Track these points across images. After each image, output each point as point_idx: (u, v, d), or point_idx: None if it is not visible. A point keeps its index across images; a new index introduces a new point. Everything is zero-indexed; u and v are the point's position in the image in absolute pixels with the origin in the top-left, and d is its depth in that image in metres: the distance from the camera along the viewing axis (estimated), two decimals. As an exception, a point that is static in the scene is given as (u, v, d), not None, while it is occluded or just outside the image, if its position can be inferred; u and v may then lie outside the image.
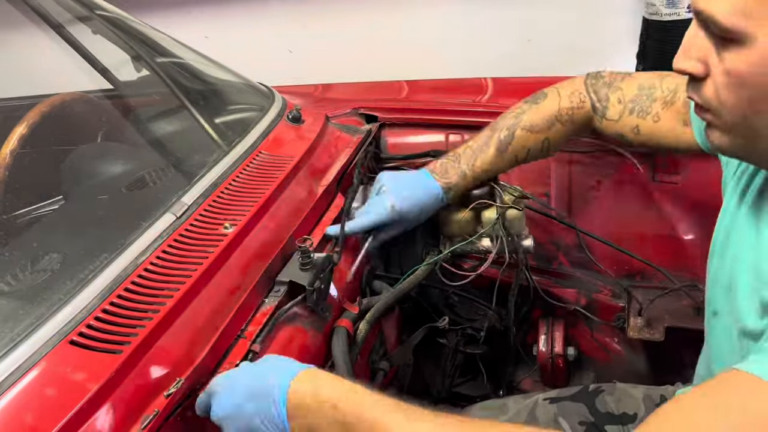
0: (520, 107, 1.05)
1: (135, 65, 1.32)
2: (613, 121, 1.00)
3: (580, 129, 1.04)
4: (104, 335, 0.71)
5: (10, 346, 0.67)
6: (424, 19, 2.55)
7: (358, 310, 0.97)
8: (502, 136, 1.03)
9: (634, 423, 0.99)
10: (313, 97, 1.58)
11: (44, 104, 1.16)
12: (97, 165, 1.19)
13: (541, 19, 2.42)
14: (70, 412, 0.62)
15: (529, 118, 1.03)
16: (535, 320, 1.34)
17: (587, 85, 1.02)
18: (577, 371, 1.37)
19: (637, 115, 0.97)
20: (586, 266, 1.31)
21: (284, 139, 1.16)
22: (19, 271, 0.89)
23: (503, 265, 1.12)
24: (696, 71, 0.59)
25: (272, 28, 2.72)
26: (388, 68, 2.07)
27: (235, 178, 1.01)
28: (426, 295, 1.22)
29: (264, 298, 0.89)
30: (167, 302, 0.76)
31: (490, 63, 2.43)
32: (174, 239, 0.86)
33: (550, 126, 1.01)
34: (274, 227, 0.96)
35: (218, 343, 0.78)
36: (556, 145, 1.05)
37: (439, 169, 1.05)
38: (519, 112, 1.04)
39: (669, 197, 1.22)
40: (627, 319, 1.20)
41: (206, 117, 1.22)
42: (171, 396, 0.69)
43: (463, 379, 1.41)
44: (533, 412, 1.03)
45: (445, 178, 1.04)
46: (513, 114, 1.04)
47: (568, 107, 1.01)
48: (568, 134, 1.04)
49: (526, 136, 1.02)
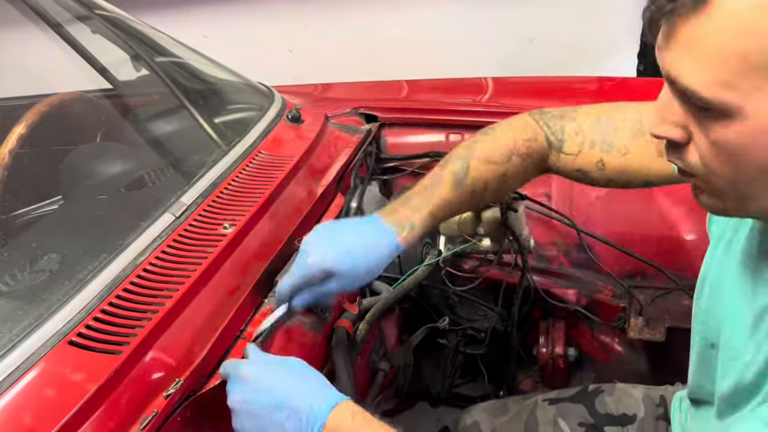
0: (469, 139, 0.91)
1: (134, 65, 1.32)
2: (572, 155, 0.87)
3: (537, 165, 0.90)
4: (103, 336, 0.70)
5: (9, 347, 0.67)
6: (424, 19, 2.55)
7: (358, 310, 0.97)
8: (456, 168, 0.87)
9: (633, 424, 0.99)
10: (313, 96, 1.58)
11: (43, 104, 1.15)
12: (96, 165, 1.18)
13: (542, 19, 2.42)
14: (68, 413, 0.62)
15: (484, 147, 0.88)
16: (535, 320, 1.34)
17: (535, 120, 0.90)
18: (577, 371, 1.37)
19: (599, 149, 0.85)
20: (587, 266, 1.31)
21: (284, 139, 1.16)
22: (18, 271, 0.88)
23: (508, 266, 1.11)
24: (677, 137, 0.53)
25: (272, 28, 2.72)
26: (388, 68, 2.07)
27: (234, 178, 1.01)
28: (426, 296, 1.22)
29: (263, 298, 0.88)
30: (166, 302, 0.76)
31: (491, 63, 2.44)
32: (173, 239, 0.85)
33: (508, 159, 0.87)
34: (273, 227, 0.96)
35: (218, 344, 0.78)
36: (515, 182, 0.91)
37: (386, 212, 0.86)
38: (470, 143, 0.90)
39: (669, 197, 1.22)
40: (627, 319, 1.20)
41: (205, 117, 1.22)
42: (170, 396, 0.69)
43: (464, 379, 1.41)
44: (533, 413, 1.03)
45: (393, 219, 0.84)
46: (463, 146, 0.90)
47: (524, 139, 0.88)
48: (526, 171, 0.90)
49: (483, 167, 0.87)
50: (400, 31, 2.58)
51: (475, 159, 0.87)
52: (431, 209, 0.85)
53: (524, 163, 0.88)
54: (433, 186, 0.86)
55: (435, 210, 0.85)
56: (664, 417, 0.99)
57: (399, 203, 0.86)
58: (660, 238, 1.23)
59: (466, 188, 0.87)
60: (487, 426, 1.04)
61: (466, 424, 1.05)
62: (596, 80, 1.68)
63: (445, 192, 0.86)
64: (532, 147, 0.88)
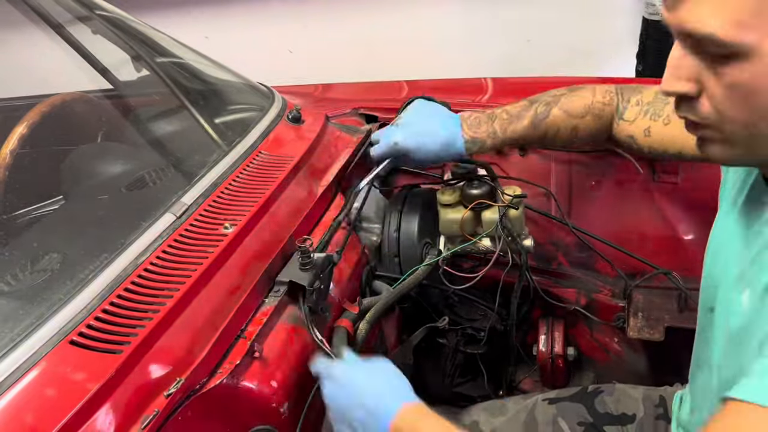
0: (558, 91, 1.06)
1: (135, 65, 1.32)
2: (628, 122, 1.00)
3: (605, 128, 1.04)
4: (104, 335, 0.71)
5: (10, 346, 0.67)
6: (424, 19, 2.55)
7: (358, 310, 0.97)
8: (539, 110, 1.04)
9: (633, 423, 1.00)
10: (313, 97, 1.58)
11: (44, 104, 1.16)
12: (97, 165, 1.19)
13: (541, 19, 2.42)
14: (70, 413, 0.62)
15: (566, 101, 1.04)
16: (535, 320, 1.34)
17: (616, 89, 1.04)
18: (576, 371, 1.38)
19: (650, 117, 0.97)
20: (586, 266, 1.31)
21: (284, 139, 1.16)
22: (19, 271, 0.89)
23: (506, 265, 1.12)
24: (690, 91, 0.58)
25: (272, 28, 2.72)
26: (388, 68, 2.07)
27: (235, 178, 1.01)
28: (426, 295, 1.22)
29: (264, 298, 0.89)
30: (167, 302, 0.76)
31: (490, 63, 2.44)
32: (174, 239, 0.86)
33: (583, 114, 1.03)
34: (274, 227, 0.96)
35: (218, 343, 0.78)
36: (581, 138, 1.06)
37: (471, 122, 1.06)
38: (558, 94, 1.05)
39: (669, 197, 1.22)
40: (627, 319, 1.20)
41: (206, 117, 1.22)
42: (171, 396, 0.69)
43: (463, 379, 1.41)
44: (532, 413, 1.03)
45: (473, 131, 1.05)
46: (551, 94, 1.06)
47: (600, 101, 1.02)
48: (593, 130, 1.04)
49: (561, 116, 1.03)
50: (400, 31, 2.58)
51: (557, 108, 1.03)
52: (504, 138, 1.05)
53: (595, 123, 1.03)
54: (516, 118, 1.05)
55: (507, 140, 1.05)
56: (664, 417, 0.99)
57: (484, 119, 1.05)
58: (659, 238, 1.24)
59: (541, 130, 1.04)
60: (487, 426, 1.04)
61: (466, 423, 1.05)
62: (596, 81, 1.68)
63: (521, 128, 1.04)
64: (605, 110, 1.02)
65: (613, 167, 1.25)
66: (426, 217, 1.17)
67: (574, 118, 1.03)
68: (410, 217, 1.14)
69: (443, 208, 1.11)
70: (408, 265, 1.12)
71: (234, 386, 0.77)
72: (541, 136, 1.05)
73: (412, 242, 1.13)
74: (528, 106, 1.05)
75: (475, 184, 1.08)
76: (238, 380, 0.77)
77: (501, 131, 1.05)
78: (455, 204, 1.10)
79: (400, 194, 1.20)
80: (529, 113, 1.05)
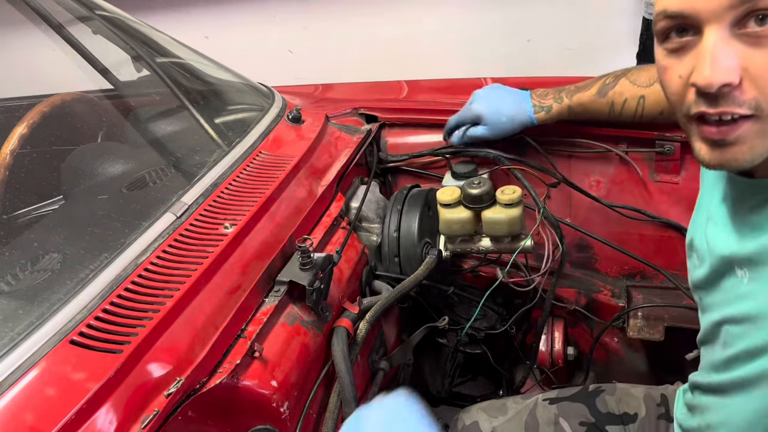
0: (625, 67, 1.12)
1: (135, 65, 1.32)
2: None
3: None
4: (104, 335, 0.71)
5: (10, 346, 0.67)
6: (424, 19, 2.55)
7: (358, 310, 0.97)
8: (607, 81, 1.11)
9: (634, 423, 0.99)
10: (313, 97, 1.58)
11: (44, 104, 1.16)
12: (97, 165, 1.19)
13: (541, 19, 2.42)
14: (70, 412, 0.62)
15: (633, 72, 1.10)
16: (534, 320, 1.34)
17: None
18: (577, 371, 1.38)
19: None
20: (586, 266, 1.31)
21: (284, 139, 1.17)
22: (19, 270, 0.89)
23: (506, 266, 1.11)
24: (736, 78, 0.56)
25: (273, 29, 2.72)
26: (388, 68, 2.07)
27: (235, 178, 1.01)
28: (426, 295, 1.22)
29: (264, 297, 0.89)
30: (167, 302, 0.76)
31: (490, 63, 2.44)
32: (174, 239, 0.86)
33: (649, 84, 1.07)
34: (274, 227, 0.96)
35: (218, 343, 0.78)
36: (649, 109, 1.08)
37: (540, 93, 1.16)
38: (625, 69, 1.11)
39: (669, 197, 1.22)
40: (627, 319, 1.20)
41: (206, 117, 1.22)
42: (171, 396, 0.69)
43: (463, 379, 1.41)
44: (533, 413, 1.03)
45: (540, 99, 1.15)
46: (620, 69, 1.12)
47: None
48: (661, 99, 1.06)
49: (628, 86, 1.08)
50: (400, 31, 2.58)
51: (624, 78, 1.09)
52: (570, 104, 1.13)
53: (660, 93, 1.03)
54: (583, 87, 1.13)
55: (574, 105, 1.13)
56: (666, 416, 0.99)
57: (551, 91, 1.16)
58: (659, 238, 1.24)
59: (608, 98, 1.10)
60: (487, 426, 1.04)
61: (466, 423, 1.05)
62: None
63: (588, 96, 1.12)
64: None
65: (613, 167, 1.25)
66: (426, 217, 1.17)
67: (642, 88, 1.07)
68: (410, 217, 1.14)
69: (443, 208, 1.11)
70: (408, 265, 1.12)
71: (234, 386, 0.77)
72: (608, 105, 1.10)
73: (412, 242, 1.13)
74: (596, 79, 1.13)
75: (475, 183, 1.08)
76: (238, 380, 0.78)
77: (567, 97, 1.13)
78: (455, 204, 1.10)
79: (400, 194, 1.20)
80: (597, 83, 1.11)
